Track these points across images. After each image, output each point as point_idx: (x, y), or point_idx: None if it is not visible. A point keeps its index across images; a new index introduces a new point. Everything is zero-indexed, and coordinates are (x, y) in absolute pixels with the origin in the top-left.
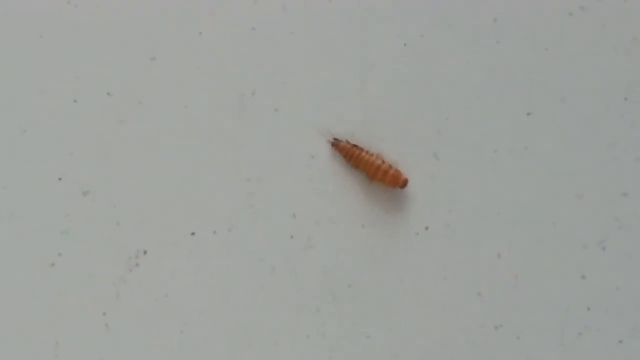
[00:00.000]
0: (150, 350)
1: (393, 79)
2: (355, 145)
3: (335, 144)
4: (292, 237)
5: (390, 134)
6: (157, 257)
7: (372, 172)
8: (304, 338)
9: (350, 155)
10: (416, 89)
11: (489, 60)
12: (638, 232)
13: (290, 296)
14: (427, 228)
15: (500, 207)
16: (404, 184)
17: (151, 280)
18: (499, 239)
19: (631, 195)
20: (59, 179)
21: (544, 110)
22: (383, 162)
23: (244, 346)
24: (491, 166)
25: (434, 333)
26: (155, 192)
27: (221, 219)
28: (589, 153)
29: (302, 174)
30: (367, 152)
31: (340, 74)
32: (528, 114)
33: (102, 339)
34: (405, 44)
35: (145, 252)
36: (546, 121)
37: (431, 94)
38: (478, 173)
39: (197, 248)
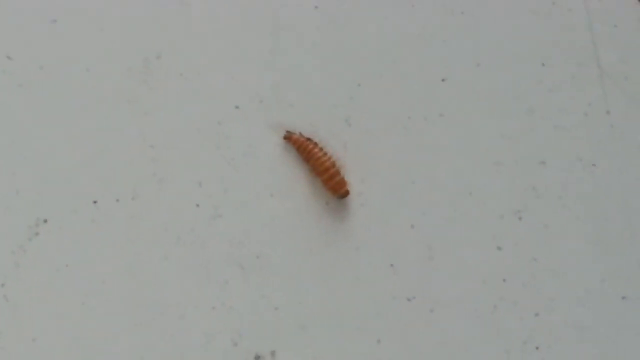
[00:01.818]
0: (51, 322)
1: (304, 42)
2: (308, 139)
3: (288, 137)
4: (198, 206)
5: (301, 99)
6: (57, 225)
7: (319, 171)
8: (210, 310)
9: (303, 148)
10: (328, 54)
11: (403, 24)
12: (555, 202)
13: (196, 267)
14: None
15: (414, 176)
16: (343, 195)
17: (52, 249)
18: (412, 209)
19: (549, 164)
20: None
21: (460, 76)
22: (333, 165)
23: (148, 319)
24: (405, 133)
25: (345, 305)
26: (56, 159)
27: (124, 187)
28: (506, 120)
29: (209, 141)
30: (320, 149)
31: (250, 37)
32: (443, 80)
33: (1, 310)
34: (316, 7)
35: (45, 221)
36: (461, 87)
37: (343, 59)
38: (391, 140)
39: (99, 217)
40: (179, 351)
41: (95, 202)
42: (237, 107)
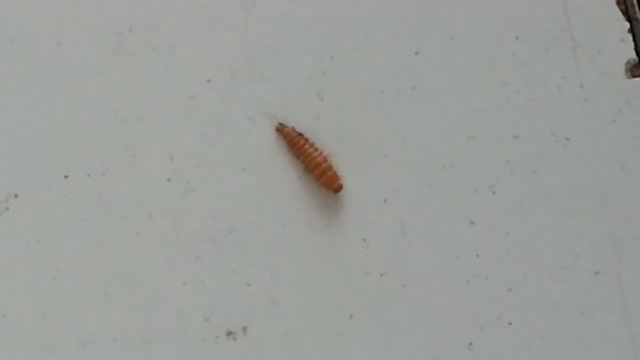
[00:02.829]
0: (21, 298)
1: (276, 15)
2: (300, 134)
3: (280, 129)
4: (169, 180)
5: (273, 72)
6: (28, 200)
7: (311, 167)
8: (182, 286)
9: (294, 143)
10: (300, 27)
11: None
12: (529, 177)
13: (168, 242)
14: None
15: (387, 150)
16: (337, 189)
17: (22, 224)
18: (385, 183)
19: (523, 138)
20: None
21: (433, 49)
22: (325, 160)
23: (120, 295)
24: (378, 107)
25: (316, 280)
26: (27, 133)
27: (95, 162)
28: (479, 94)
29: (181, 115)
30: (311, 144)
31: (222, 10)
32: (416, 53)
33: None
34: None
35: (16, 196)
36: (435, 60)
37: (316, 32)
38: (364, 114)
39: (70, 191)
40: (151, 326)
41: (66, 176)
42: (209, 80)
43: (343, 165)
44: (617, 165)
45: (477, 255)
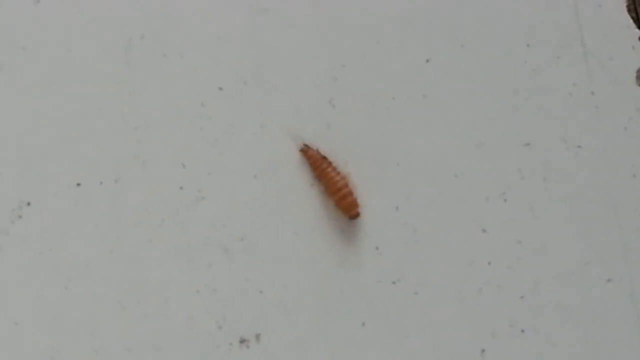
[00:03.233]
0: (33, 306)
1: (287, 23)
2: (324, 158)
3: (305, 151)
4: (181, 188)
5: (284, 80)
6: (40, 208)
7: (332, 191)
8: (194, 294)
9: (317, 166)
10: (311, 34)
11: (387, 5)
12: (540, 184)
13: (179, 250)
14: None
15: (398, 157)
16: (354, 216)
17: (35, 232)
18: (396, 191)
19: (534, 145)
20: None
21: (444, 56)
22: (346, 185)
23: (132, 302)
24: (389, 114)
25: (329, 288)
26: (39, 141)
27: (107, 169)
28: (490, 101)
29: (192, 122)
30: (333, 168)
31: (232, 18)
32: (427, 61)
33: None
34: None
35: (28, 204)
36: (446, 68)
37: (327, 40)
38: (375, 121)
39: (82, 199)
40: (163, 334)
41: (78, 184)
42: (220, 88)
43: (354, 173)
44: (628, 172)
45: (489, 263)
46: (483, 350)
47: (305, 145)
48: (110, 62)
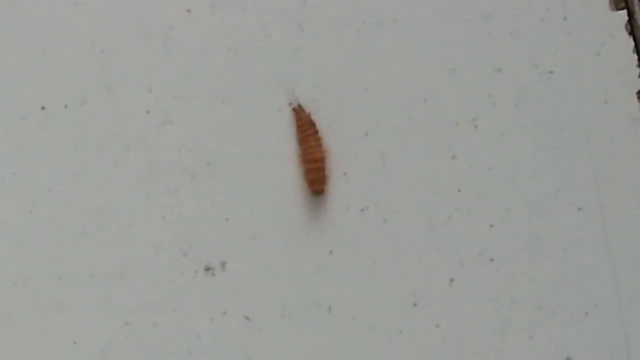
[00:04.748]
0: None
1: None
2: (313, 124)
3: (297, 112)
4: (147, 112)
5: (254, 3)
6: (4, 132)
7: (307, 159)
8: (160, 220)
9: (303, 129)
10: None
11: None
12: (511, 110)
13: (145, 175)
14: (290, 103)
15: (368, 82)
16: (317, 192)
17: None
18: (366, 116)
19: (505, 70)
20: None
21: None
22: (323, 160)
23: (96, 228)
24: (359, 39)
25: (296, 215)
26: (3, 65)
27: (73, 93)
28: (462, 26)
29: (160, 46)
30: (317, 138)
31: None
32: None
33: None
34: None
35: None
36: None
37: None
38: (345, 46)
39: (47, 123)
40: (127, 261)
41: (43, 108)
42: (188, 10)
43: (323, 97)
44: (600, 98)
45: (459, 190)
46: (451, 279)
47: (299, 106)
48: None
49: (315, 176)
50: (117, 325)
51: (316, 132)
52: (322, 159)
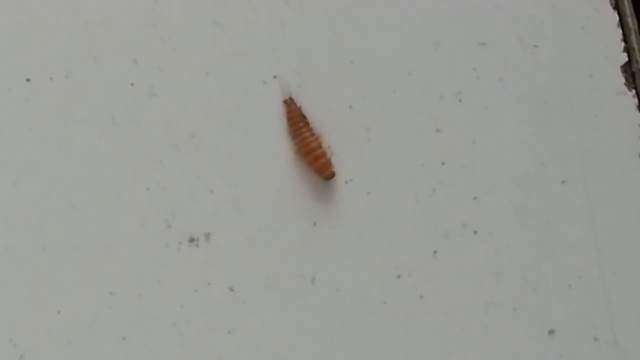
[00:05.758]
0: None
1: None
2: (303, 116)
3: (288, 104)
4: (132, 84)
5: None
6: None
7: (305, 151)
8: (145, 191)
9: (294, 122)
10: None
11: None
12: (496, 84)
13: (130, 147)
14: (275, 76)
15: (352, 55)
16: (328, 177)
17: None
18: (351, 89)
19: (490, 44)
20: None
21: None
22: (320, 147)
23: (81, 200)
24: (344, 11)
25: (280, 187)
26: None
27: (58, 64)
28: None
29: (145, 17)
30: (309, 128)
31: None
32: None
33: None
34: None
35: None
36: None
37: None
38: (330, 18)
39: (32, 95)
40: (112, 232)
41: (28, 80)
42: (283, 98)
43: (307, 70)
44: (584, 72)
45: (443, 163)
46: (435, 252)
47: (290, 99)
48: None
49: (319, 163)
50: (101, 296)
51: (307, 123)
52: (319, 146)
